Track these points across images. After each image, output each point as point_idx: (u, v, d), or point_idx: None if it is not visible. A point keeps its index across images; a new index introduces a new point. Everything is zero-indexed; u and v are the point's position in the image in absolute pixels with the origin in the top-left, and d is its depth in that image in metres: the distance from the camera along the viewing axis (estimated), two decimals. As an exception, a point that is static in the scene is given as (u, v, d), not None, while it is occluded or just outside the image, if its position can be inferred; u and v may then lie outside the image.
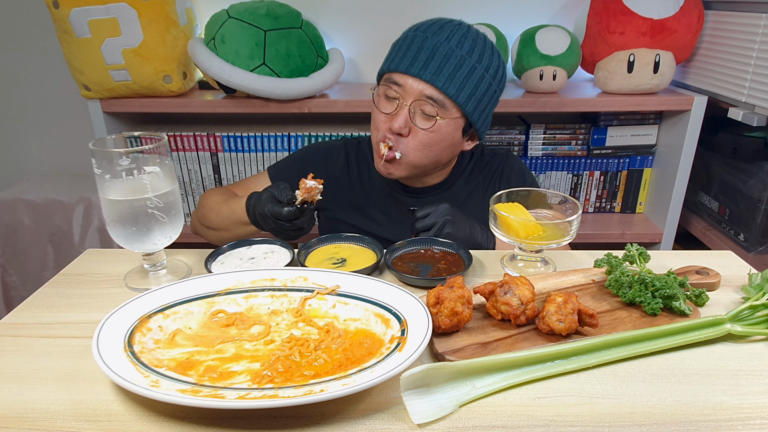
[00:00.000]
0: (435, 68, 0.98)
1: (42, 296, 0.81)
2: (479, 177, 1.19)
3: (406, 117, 1.01)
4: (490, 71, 1.02)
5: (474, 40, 1.02)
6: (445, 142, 1.04)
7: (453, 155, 1.10)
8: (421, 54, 0.99)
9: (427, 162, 1.05)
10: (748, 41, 1.41)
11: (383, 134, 1.04)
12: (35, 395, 0.60)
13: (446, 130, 1.02)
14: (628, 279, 0.76)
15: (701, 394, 0.60)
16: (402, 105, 1.01)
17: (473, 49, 1.00)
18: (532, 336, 0.69)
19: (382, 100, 1.05)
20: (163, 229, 0.81)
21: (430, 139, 1.02)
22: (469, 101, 1.01)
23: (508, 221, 0.84)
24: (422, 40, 1.01)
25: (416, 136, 1.02)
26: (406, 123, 1.01)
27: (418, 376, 0.56)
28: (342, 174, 1.20)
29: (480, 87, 1.01)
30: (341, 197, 1.20)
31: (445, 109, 1.00)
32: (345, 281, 0.76)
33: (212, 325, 0.71)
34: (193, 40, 1.54)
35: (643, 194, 1.83)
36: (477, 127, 1.06)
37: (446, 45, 0.99)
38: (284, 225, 0.92)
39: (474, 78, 1.00)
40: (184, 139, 1.69)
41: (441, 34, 1.00)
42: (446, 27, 1.02)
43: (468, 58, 0.99)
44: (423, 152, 1.03)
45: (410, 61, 1.00)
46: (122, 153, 0.76)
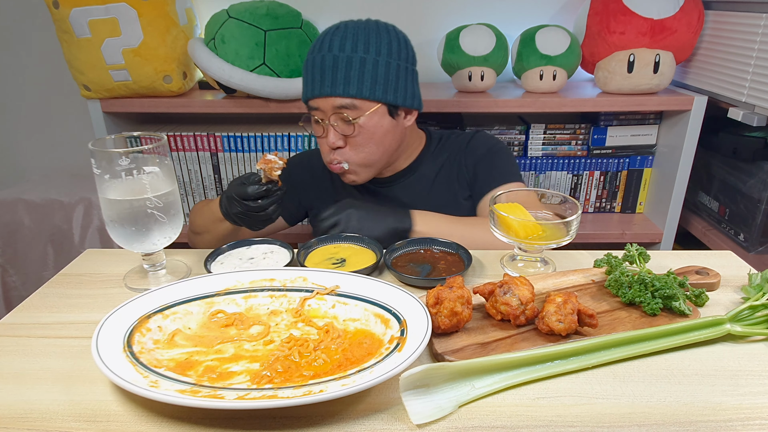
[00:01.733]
0: (330, 81, 1.04)
1: (41, 296, 0.81)
2: (445, 155, 1.23)
3: (334, 132, 1.08)
4: (383, 53, 1.06)
5: (354, 35, 1.06)
6: (378, 134, 1.09)
7: (398, 139, 1.15)
8: (315, 75, 1.06)
9: (376, 157, 1.12)
10: (748, 41, 1.41)
11: (327, 155, 1.12)
12: (34, 395, 0.60)
13: (371, 124, 1.08)
14: (627, 279, 0.76)
15: (701, 395, 0.60)
16: (325, 124, 1.08)
17: (356, 45, 1.05)
18: (531, 336, 0.69)
19: (314, 125, 1.12)
20: (163, 229, 0.81)
21: (361, 139, 1.08)
22: (374, 90, 1.06)
23: (508, 221, 0.84)
24: (312, 62, 1.07)
25: (352, 142, 1.09)
26: (336, 137, 1.08)
27: (418, 376, 0.56)
28: (324, 176, 1.27)
29: (379, 72, 1.06)
30: (325, 197, 1.26)
31: (358, 109, 1.06)
32: (344, 281, 0.76)
33: (211, 325, 0.71)
34: (193, 40, 1.54)
35: (643, 194, 1.83)
36: (400, 104, 1.10)
37: (330, 55, 1.05)
38: (249, 205, 0.94)
39: (367, 68, 1.05)
40: (184, 139, 1.69)
41: (323, 48, 1.06)
42: (326, 39, 1.07)
43: (353, 55, 1.04)
44: (364, 152, 1.10)
45: (311, 86, 1.07)
46: (122, 153, 0.76)
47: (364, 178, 1.15)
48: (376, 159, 1.12)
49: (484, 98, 1.59)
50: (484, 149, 1.22)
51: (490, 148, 1.22)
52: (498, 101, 1.58)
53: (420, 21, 1.78)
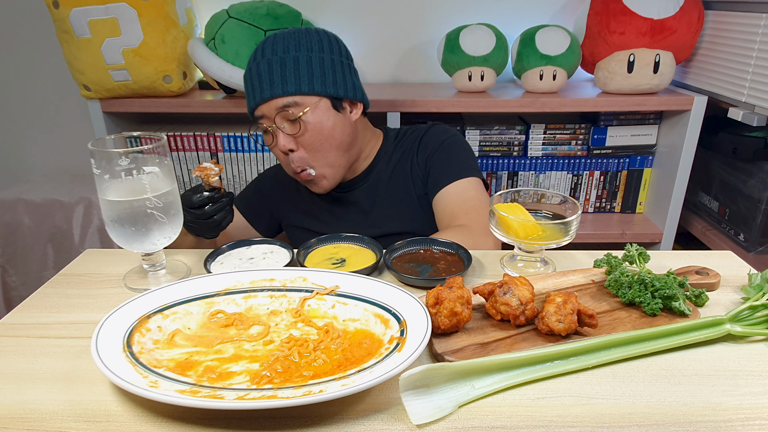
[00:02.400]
0: (268, 84, 1.05)
1: (41, 296, 0.81)
2: (399, 152, 1.22)
3: (283, 135, 1.07)
4: (314, 49, 1.07)
5: (284, 39, 1.07)
6: (325, 129, 1.08)
7: (350, 133, 1.13)
8: (253, 82, 1.07)
9: (332, 154, 1.10)
10: (748, 41, 1.41)
11: (287, 165, 1.12)
12: (34, 395, 0.60)
13: (316, 119, 1.07)
14: (627, 279, 0.76)
15: (701, 395, 0.60)
16: (273, 129, 1.08)
17: (287, 46, 1.06)
18: (531, 336, 0.69)
19: (265, 137, 1.13)
20: (163, 229, 0.81)
21: (311, 136, 1.07)
22: (312, 84, 1.06)
23: (508, 221, 0.84)
24: (248, 72, 1.09)
25: (303, 143, 1.08)
26: (286, 140, 1.07)
27: (418, 376, 0.56)
28: (290, 186, 1.28)
29: (313, 66, 1.06)
30: (294, 207, 1.28)
31: (300, 105, 1.05)
32: (344, 281, 0.76)
33: (211, 325, 0.71)
34: (193, 40, 1.54)
35: (643, 194, 1.83)
36: (341, 95, 1.09)
37: (264, 61, 1.06)
38: (195, 213, 0.94)
39: (302, 64, 1.05)
40: (184, 139, 1.69)
41: (258, 57, 1.07)
42: (258, 50, 1.08)
43: (286, 55, 1.05)
44: (321, 149, 1.09)
45: (252, 94, 1.08)
46: (121, 153, 0.75)
47: (333, 182, 1.14)
48: (334, 156, 1.11)
49: (484, 98, 1.59)
50: (437, 143, 1.18)
51: (443, 142, 1.18)
52: (498, 101, 1.58)
53: (420, 21, 1.78)
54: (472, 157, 1.19)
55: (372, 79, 1.85)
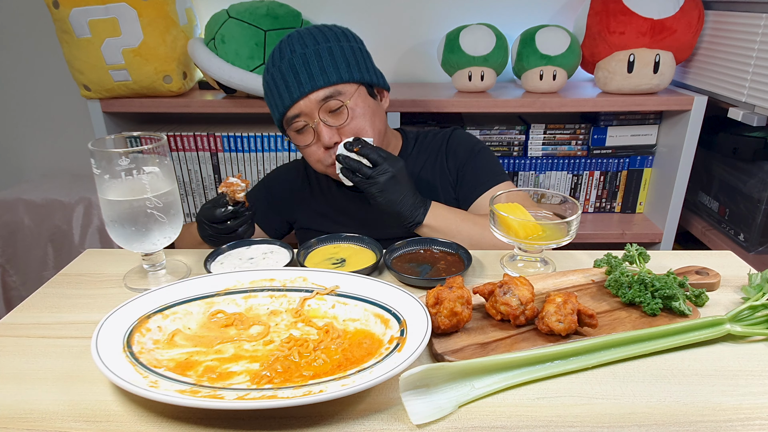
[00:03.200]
0: (306, 78, 1.03)
1: (41, 296, 0.81)
2: (425, 155, 1.22)
3: (326, 129, 1.05)
4: (340, 40, 1.08)
5: (308, 34, 1.07)
6: (367, 114, 1.08)
7: (384, 122, 1.15)
8: (287, 81, 1.04)
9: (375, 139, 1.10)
10: (748, 41, 1.41)
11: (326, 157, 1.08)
12: (34, 395, 0.60)
13: (359, 105, 1.07)
14: (627, 279, 0.76)
15: (701, 395, 0.60)
16: (315, 124, 1.05)
17: (315, 39, 1.05)
18: (531, 336, 0.69)
19: (298, 138, 1.09)
20: (163, 229, 0.81)
21: (357, 124, 1.07)
22: (350, 71, 1.06)
23: (508, 221, 0.84)
24: (278, 72, 1.06)
25: (346, 134, 1.06)
26: (330, 133, 1.05)
27: (418, 376, 0.56)
28: (304, 187, 1.27)
29: (345, 55, 1.06)
30: (307, 208, 1.26)
31: (343, 94, 1.05)
32: (344, 281, 0.76)
33: (211, 325, 0.71)
34: (193, 40, 1.54)
35: (643, 194, 1.83)
36: (375, 83, 1.11)
37: (296, 56, 1.04)
38: (218, 228, 0.95)
39: (335, 54, 1.05)
40: (184, 139, 1.69)
41: (285, 54, 1.05)
42: (283, 48, 1.07)
43: (317, 46, 1.04)
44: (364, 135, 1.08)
45: (287, 93, 1.05)
46: (121, 153, 0.76)
47: None
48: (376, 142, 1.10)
49: (484, 98, 1.59)
50: (466, 150, 1.20)
51: (472, 149, 1.20)
52: (498, 101, 1.58)
53: (420, 21, 1.78)
54: (499, 162, 1.23)
55: (372, 79, 1.85)
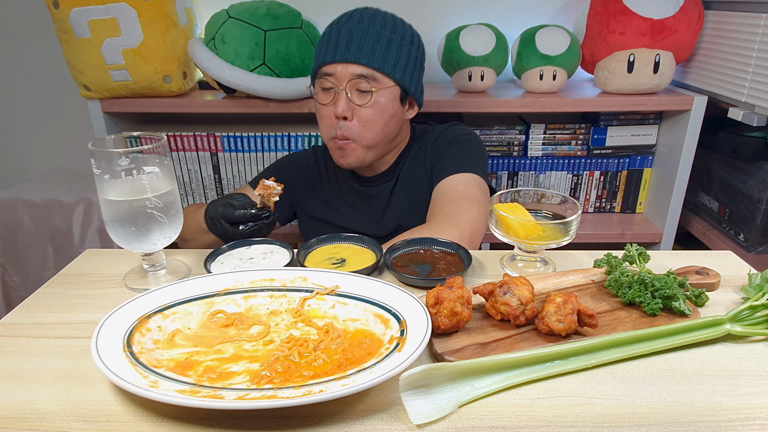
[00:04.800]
0: (356, 48, 1.05)
1: (41, 296, 0.81)
2: (417, 148, 1.24)
3: (346, 100, 1.07)
4: (407, 39, 1.10)
5: (383, 17, 1.09)
6: (387, 113, 1.10)
7: (399, 127, 1.16)
8: (340, 42, 1.06)
9: (378, 138, 1.11)
10: (748, 41, 1.41)
11: (331, 129, 1.10)
12: (34, 395, 0.60)
13: (384, 101, 1.08)
14: (627, 279, 0.76)
15: (701, 395, 0.60)
16: (338, 91, 1.07)
17: (385, 24, 1.08)
18: (531, 336, 0.69)
19: (320, 94, 1.11)
20: (163, 229, 0.81)
21: (372, 113, 1.08)
22: (395, 69, 1.08)
23: (508, 221, 0.84)
24: (338, 31, 1.08)
25: (360, 116, 1.08)
26: (347, 105, 1.07)
27: (418, 376, 0.56)
28: (313, 175, 1.29)
29: (402, 54, 1.08)
30: (313, 196, 1.28)
31: (377, 82, 1.07)
32: (344, 281, 0.76)
33: (211, 325, 0.71)
34: (193, 40, 1.54)
35: (643, 194, 1.83)
36: (411, 93, 1.13)
37: (359, 26, 1.06)
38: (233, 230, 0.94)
39: (393, 47, 1.07)
40: (184, 139, 1.69)
41: (352, 20, 1.08)
42: (355, 14, 1.09)
43: (383, 32, 1.06)
44: (371, 129, 1.09)
45: (333, 51, 1.06)
46: (121, 153, 0.75)
47: (360, 162, 1.13)
48: (377, 141, 1.12)
49: (484, 98, 1.59)
50: (448, 139, 1.20)
51: (453, 138, 1.20)
52: (498, 101, 1.58)
53: (420, 21, 1.78)
54: (479, 156, 1.18)
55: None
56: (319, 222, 1.27)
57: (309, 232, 1.30)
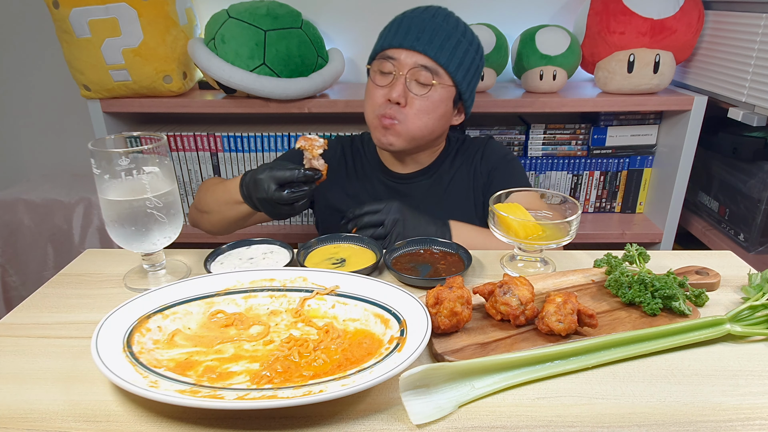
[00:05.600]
0: (426, 40, 1.06)
1: (41, 296, 0.81)
2: (462, 159, 1.25)
3: (403, 86, 1.08)
4: (474, 45, 1.12)
5: (456, 19, 1.11)
6: (439, 110, 1.11)
7: (444, 128, 1.17)
8: (411, 29, 1.07)
9: (424, 131, 1.12)
10: (748, 41, 1.41)
11: (380, 107, 1.10)
12: (34, 395, 0.60)
13: (440, 98, 1.09)
14: (627, 279, 0.76)
15: (701, 395, 0.60)
16: (398, 76, 1.08)
17: (457, 25, 1.10)
18: (531, 336, 0.69)
19: (377, 76, 1.12)
20: (163, 229, 0.81)
21: (426, 106, 1.09)
22: (458, 70, 1.09)
23: (508, 221, 0.84)
24: (410, 19, 1.09)
25: (413, 105, 1.09)
26: (403, 92, 1.08)
27: (418, 376, 0.56)
28: (339, 166, 1.27)
29: (466, 58, 1.10)
30: (338, 187, 1.26)
31: (437, 76, 1.08)
32: (344, 281, 0.76)
33: (211, 325, 0.71)
34: (193, 40, 1.54)
35: (643, 194, 1.83)
36: (465, 99, 1.14)
37: (433, 21, 1.07)
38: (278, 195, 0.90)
39: (461, 49, 1.08)
40: (184, 139, 1.69)
41: (426, 14, 1.09)
42: (430, 9, 1.12)
43: (454, 32, 1.08)
44: (420, 120, 1.10)
45: (403, 36, 1.08)
46: (121, 153, 0.76)
47: (399, 146, 1.13)
48: (423, 134, 1.12)
49: (484, 98, 1.59)
50: (499, 157, 1.24)
51: (505, 156, 1.24)
52: (498, 101, 1.58)
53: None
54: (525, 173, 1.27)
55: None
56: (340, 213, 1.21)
57: (329, 224, 1.27)
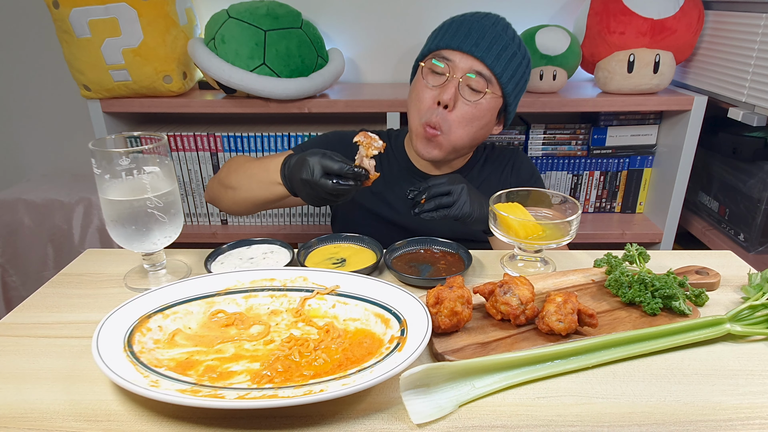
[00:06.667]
0: (485, 47, 1.04)
1: (42, 296, 0.81)
2: (491, 167, 1.25)
3: (456, 89, 1.05)
4: (526, 60, 1.11)
5: (514, 31, 1.10)
6: (484, 119, 1.09)
7: (485, 137, 1.15)
8: (472, 34, 1.05)
9: (467, 139, 1.10)
10: (748, 41, 1.41)
11: (428, 112, 1.07)
12: (35, 395, 0.60)
13: (487, 107, 1.08)
14: (627, 279, 0.76)
15: (701, 394, 0.60)
16: (451, 78, 1.05)
17: (514, 37, 1.09)
18: (531, 336, 0.69)
19: (429, 75, 1.09)
20: (163, 228, 0.81)
21: (473, 114, 1.07)
22: (510, 82, 1.08)
23: (508, 221, 0.84)
24: (470, 23, 1.07)
25: (460, 111, 1.06)
26: (454, 95, 1.05)
27: (418, 376, 0.56)
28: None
29: (519, 71, 1.09)
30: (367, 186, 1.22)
31: (489, 84, 1.06)
32: (345, 281, 0.76)
33: (212, 325, 0.71)
34: (193, 40, 1.54)
35: (643, 194, 1.83)
36: (509, 111, 1.13)
37: (493, 29, 1.06)
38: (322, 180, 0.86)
39: (515, 62, 1.07)
40: (184, 139, 1.69)
41: (487, 20, 1.08)
42: (490, 16, 1.10)
43: (511, 43, 1.07)
44: (465, 128, 1.08)
45: (462, 39, 1.05)
46: (122, 153, 0.76)
47: (442, 155, 1.10)
48: (465, 143, 1.10)
49: (484, 98, 1.59)
50: (529, 175, 1.24)
51: (533, 174, 1.24)
52: (498, 101, 1.58)
53: (420, 21, 1.78)
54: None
55: (372, 79, 1.85)
56: (364, 211, 1.21)
57: (348, 220, 1.24)
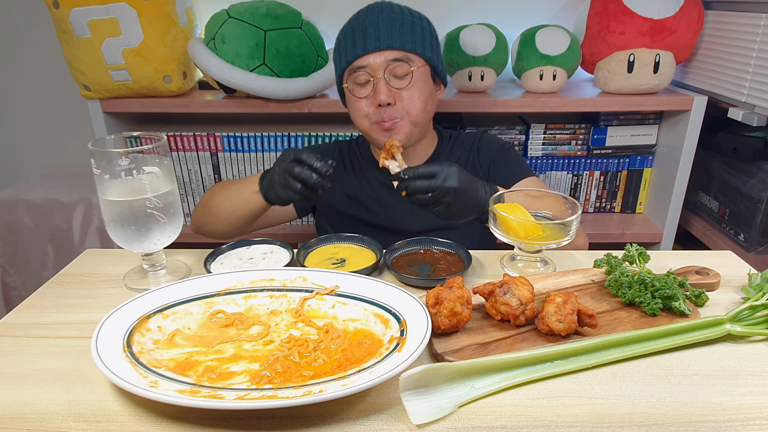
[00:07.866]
0: (386, 35, 1.08)
1: (41, 296, 0.81)
2: (459, 151, 1.26)
3: (386, 86, 1.09)
4: (423, 21, 1.14)
5: (398, 6, 1.13)
6: (426, 91, 1.12)
7: (434, 106, 1.19)
8: (368, 33, 1.09)
9: (422, 116, 1.13)
10: (748, 41, 1.41)
11: (373, 115, 1.10)
12: (34, 395, 0.60)
13: (421, 80, 1.11)
14: (627, 279, 0.76)
15: (701, 395, 0.60)
16: (376, 80, 1.09)
17: (402, 11, 1.12)
18: (531, 336, 0.69)
19: (356, 89, 1.12)
20: (163, 229, 0.81)
21: (413, 93, 1.10)
22: (424, 48, 1.11)
23: (508, 221, 0.84)
24: (360, 24, 1.11)
25: (402, 99, 1.10)
26: (389, 91, 1.09)
27: (418, 376, 0.56)
28: (339, 169, 1.27)
29: (425, 35, 1.12)
30: (338, 190, 1.26)
31: (410, 62, 1.09)
32: (344, 281, 0.76)
33: (211, 325, 0.71)
34: (193, 40, 1.54)
35: (643, 194, 1.83)
36: (439, 71, 1.16)
37: (381, 15, 1.09)
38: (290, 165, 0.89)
39: (417, 29, 1.11)
40: (184, 139, 1.69)
41: (371, 12, 1.11)
42: (372, 7, 1.13)
43: (403, 17, 1.10)
44: (415, 107, 1.11)
45: (363, 43, 1.09)
46: (121, 153, 0.76)
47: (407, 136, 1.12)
48: (422, 119, 1.12)
49: (484, 98, 1.59)
50: (497, 147, 1.25)
51: (502, 146, 1.26)
52: (498, 101, 1.58)
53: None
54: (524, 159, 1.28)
55: (372, 79, 1.85)
56: (343, 216, 1.25)
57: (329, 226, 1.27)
